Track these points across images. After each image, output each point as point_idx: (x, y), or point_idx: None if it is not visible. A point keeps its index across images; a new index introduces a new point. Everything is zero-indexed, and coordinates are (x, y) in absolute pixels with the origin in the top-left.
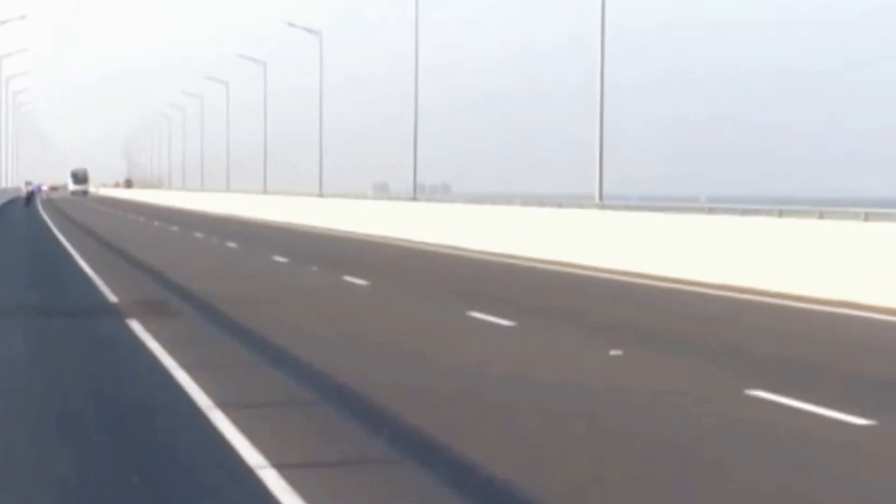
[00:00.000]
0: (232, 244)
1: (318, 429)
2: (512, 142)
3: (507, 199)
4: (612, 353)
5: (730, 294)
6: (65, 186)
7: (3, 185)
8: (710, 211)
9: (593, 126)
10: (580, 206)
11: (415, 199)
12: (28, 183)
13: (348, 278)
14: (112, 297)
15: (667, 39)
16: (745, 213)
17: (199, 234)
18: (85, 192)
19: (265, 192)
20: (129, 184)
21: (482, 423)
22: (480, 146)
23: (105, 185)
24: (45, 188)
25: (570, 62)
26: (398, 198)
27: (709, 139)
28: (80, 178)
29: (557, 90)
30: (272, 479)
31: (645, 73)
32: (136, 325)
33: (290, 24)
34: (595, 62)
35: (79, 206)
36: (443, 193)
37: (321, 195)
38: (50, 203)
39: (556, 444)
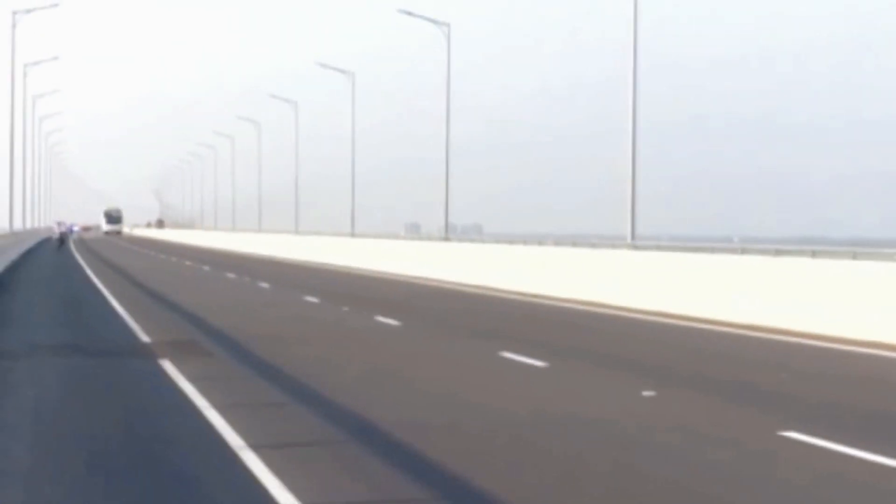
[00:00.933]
0: (264, 284)
1: (349, 468)
2: (544, 182)
3: (539, 240)
4: (645, 393)
5: (763, 335)
6: (98, 226)
7: (35, 224)
8: (743, 251)
9: (625, 166)
10: (613, 246)
11: (447, 238)
12: (60, 223)
13: (380, 318)
14: (144, 338)
15: (698, 79)
16: (778, 253)
17: (230, 275)
18: (119, 233)
19: (297, 231)
20: (160, 224)
21: (511, 462)
22: (512, 186)
23: (137, 226)
24: (76, 228)
25: (603, 102)
26: (430, 238)
27: (740, 179)
28: (114, 217)
29: (589, 130)
30: None
31: (676, 113)
32: (168, 365)
33: (322, 65)
34: (627, 103)
35: (111, 245)
36: (475, 233)
37: (353, 235)
38: (82, 243)
39: (588, 483)
